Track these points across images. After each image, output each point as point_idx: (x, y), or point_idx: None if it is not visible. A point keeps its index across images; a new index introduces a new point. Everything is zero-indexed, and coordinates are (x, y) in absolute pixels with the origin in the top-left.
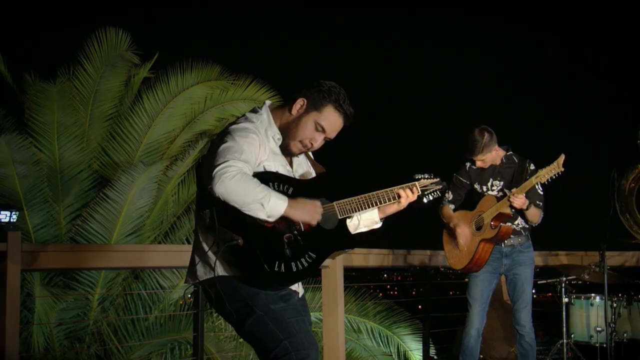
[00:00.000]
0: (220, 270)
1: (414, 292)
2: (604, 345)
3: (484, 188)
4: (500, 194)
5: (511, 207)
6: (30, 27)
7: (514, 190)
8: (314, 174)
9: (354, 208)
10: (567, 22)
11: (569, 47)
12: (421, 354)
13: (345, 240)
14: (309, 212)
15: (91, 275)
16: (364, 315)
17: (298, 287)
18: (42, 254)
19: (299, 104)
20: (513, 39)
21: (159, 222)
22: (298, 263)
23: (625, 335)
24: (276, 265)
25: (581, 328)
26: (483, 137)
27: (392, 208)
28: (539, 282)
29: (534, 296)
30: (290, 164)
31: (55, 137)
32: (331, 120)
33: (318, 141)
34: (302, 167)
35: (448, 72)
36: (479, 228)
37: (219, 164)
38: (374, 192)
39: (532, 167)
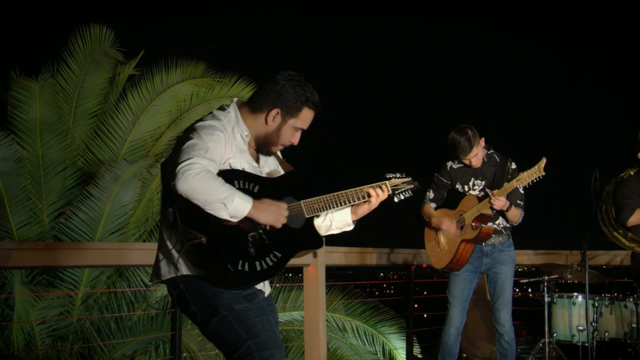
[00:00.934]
0: (184, 270)
1: (389, 291)
2: (586, 345)
3: (466, 187)
4: (482, 193)
5: (492, 208)
6: (17, 24)
7: (495, 191)
8: (282, 172)
9: (322, 207)
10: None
11: (556, 45)
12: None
13: (312, 239)
14: (274, 214)
15: (74, 274)
16: (349, 314)
17: (264, 287)
18: (15, 252)
19: (274, 115)
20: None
21: (143, 220)
22: (263, 262)
23: (606, 334)
24: (240, 265)
25: (563, 327)
26: (467, 134)
27: (364, 209)
28: (521, 281)
29: (518, 295)
30: (257, 160)
31: (38, 134)
32: (308, 118)
33: (298, 138)
34: (269, 166)
35: (427, 71)
36: (460, 228)
37: (183, 161)
38: (343, 191)
39: (514, 165)
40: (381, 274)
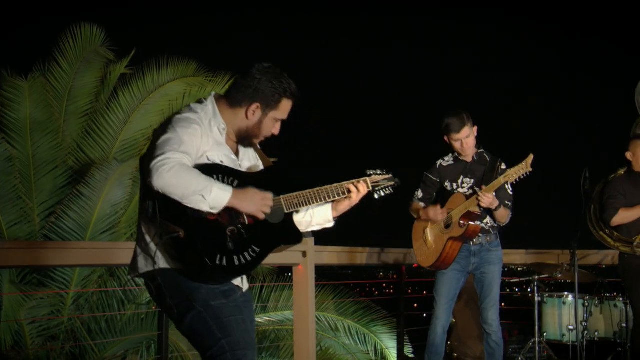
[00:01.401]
0: (161, 263)
1: (387, 291)
2: (576, 344)
3: (454, 185)
4: (470, 191)
5: (479, 205)
6: (8, 23)
7: (483, 187)
8: (261, 167)
9: (302, 202)
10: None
11: (556, 44)
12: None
13: (291, 235)
14: (257, 203)
15: (65, 273)
16: (342, 313)
17: (242, 282)
18: None
19: (254, 109)
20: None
21: (134, 219)
22: (241, 257)
23: (596, 334)
24: (218, 259)
25: (554, 327)
26: (460, 114)
27: (344, 205)
28: (511, 280)
29: (513, 295)
30: (237, 153)
31: (29, 133)
32: (287, 109)
33: (278, 128)
34: (250, 159)
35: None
36: (447, 226)
37: (157, 157)
38: (323, 187)
39: (504, 166)
40: (381, 274)
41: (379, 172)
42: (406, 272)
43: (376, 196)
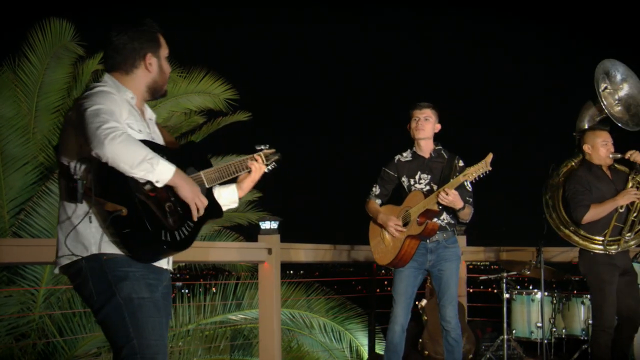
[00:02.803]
0: (94, 248)
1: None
2: (545, 341)
3: (412, 181)
4: (427, 188)
5: (439, 203)
6: None
7: (446, 188)
8: (162, 140)
9: (218, 177)
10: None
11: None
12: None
13: (215, 209)
14: (196, 193)
15: (36, 271)
16: (316, 311)
17: (168, 263)
18: None
19: (149, 59)
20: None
21: None
22: (180, 232)
23: (564, 331)
24: (163, 234)
25: (522, 324)
26: (432, 103)
27: (247, 182)
28: (480, 278)
29: (484, 292)
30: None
31: None
32: (165, 42)
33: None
34: (155, 131)
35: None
36: (405, 224)
37: (100, 126)
38: (230, 162)
39: (461, 163)
40: (351, 269)
41: (266, 146)
42: (376, 269)
43: (266, 170)
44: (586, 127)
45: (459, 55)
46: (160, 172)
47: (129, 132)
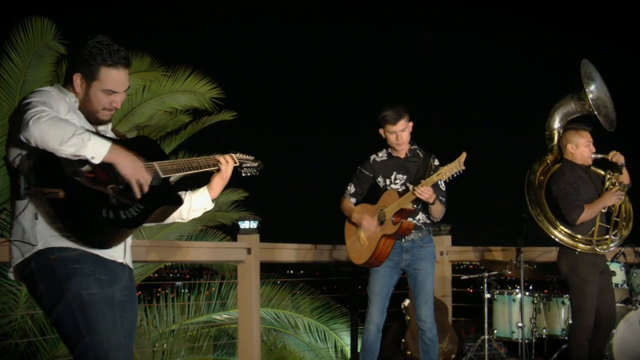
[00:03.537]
0: (40, 244)
1: (335, 288)
2: (527, 341)
3: (387, 181)
4: (403, 187)
5: (415, 201)
6: None
7: (422, 183)
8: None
9: (175, 169)
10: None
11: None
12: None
13: (172, 196)
14: (137, 169)
15: None
16: (301, 311)
17: (124, 257)
18: None
19: (78, 81)
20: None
21: None
22: (127, 212)
23: (544, 331)
24: (104, 212)
25: (503, 324)
26: (397, 107)
27: (217, 183)
28: (462, 277)
29: (466, 292)
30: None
31: None
32: (113, 79)
33: (118, 101)
34: (108, 134)
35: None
36: (380, 223)
37: (28, 111)
38: (194, 158)
39: (437, 162)
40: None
41: (243, 154)
42: (359, 268)
43: (243, 174)
44: (557, 126)
45: (427, 49)
46: (93, 146)
47: (59, 116)
